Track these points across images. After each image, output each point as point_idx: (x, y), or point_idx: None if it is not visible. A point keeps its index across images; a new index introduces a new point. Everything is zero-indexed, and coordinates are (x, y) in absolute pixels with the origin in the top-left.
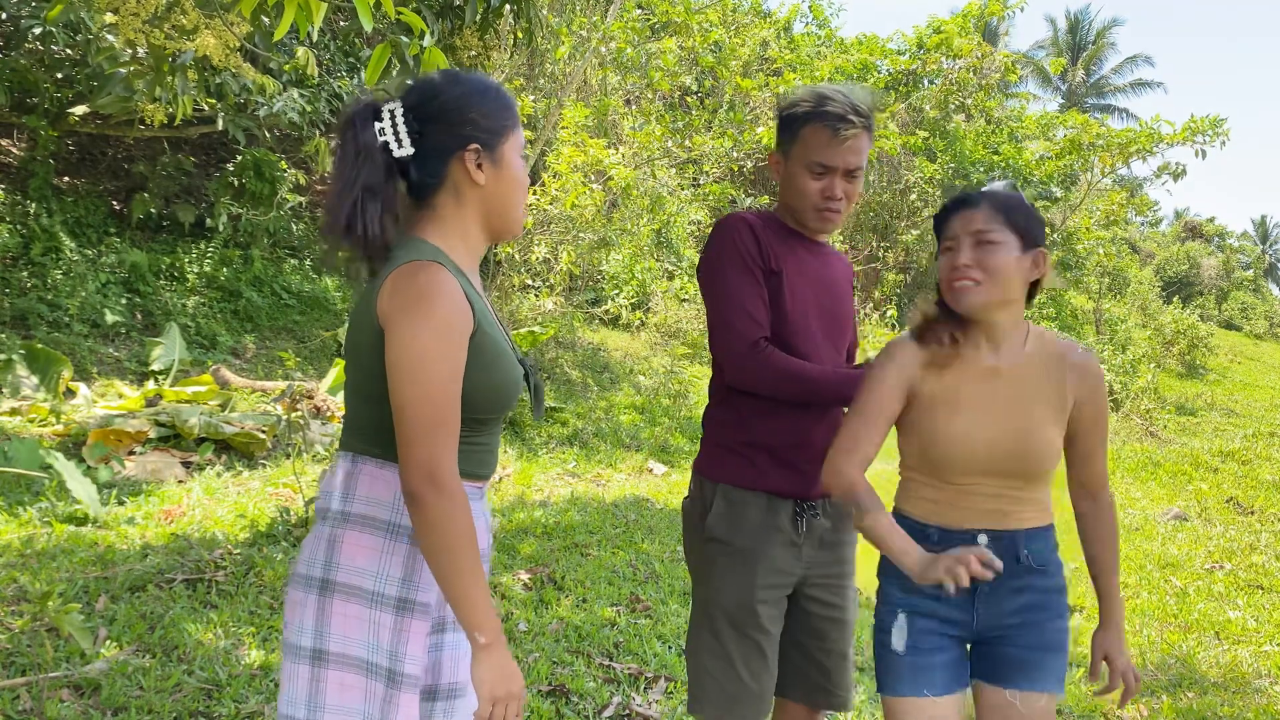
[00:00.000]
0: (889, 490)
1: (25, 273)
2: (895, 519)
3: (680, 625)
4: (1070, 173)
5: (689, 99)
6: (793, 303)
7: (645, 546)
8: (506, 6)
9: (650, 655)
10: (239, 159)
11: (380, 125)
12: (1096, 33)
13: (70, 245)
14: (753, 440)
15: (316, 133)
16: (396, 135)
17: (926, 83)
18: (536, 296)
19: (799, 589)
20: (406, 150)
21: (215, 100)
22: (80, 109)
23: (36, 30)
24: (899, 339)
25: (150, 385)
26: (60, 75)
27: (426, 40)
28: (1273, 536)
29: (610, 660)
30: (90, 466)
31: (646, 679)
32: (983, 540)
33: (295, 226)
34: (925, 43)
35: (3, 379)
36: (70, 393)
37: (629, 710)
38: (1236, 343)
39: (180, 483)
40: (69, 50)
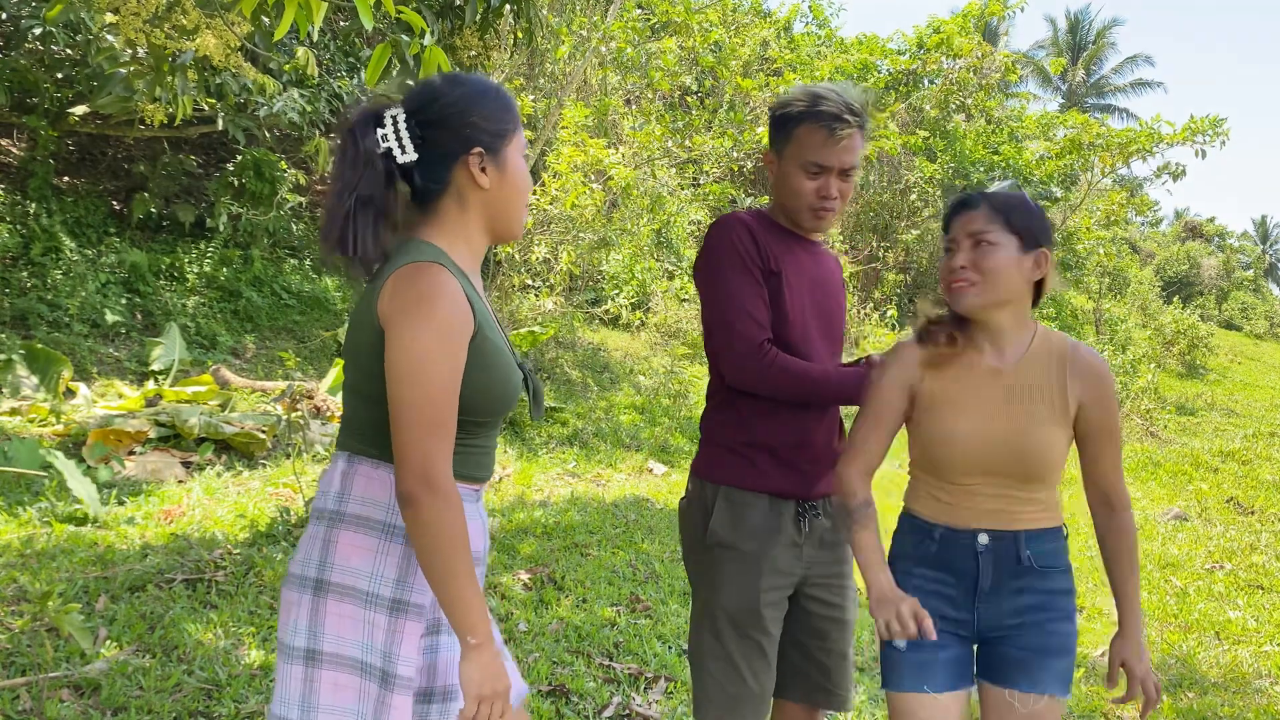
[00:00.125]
0: (896, 490)
1: (25, 273)
2: (904, 518)
3: (680, 625)
4: (1070, 173)
5: (689, 99)
6: (792, 303)
7: (645, 546)
8: (506, 6)
9: (650, 655)
10: (239, 159)
11: (382, 131)
12: (1096, 33)
13: (70, 245)
14: (754, 441)
15: (316, 133)
16: (399, 141)
17: (926, 82)
18: (536, 296)
19: (799, 589)
20: (410, 156)
21: (215, 100)
22: (80, 109)
23: (36, 30)
24: (903, 341)
25: (150, 385)
26: (60, 75)
27: (427, 40)
28: (1273, 536)
29: (610, 660)
30: (90, 466)
31: (646, 679)
32: (983, 540)
33: (295, 226)
34: (925, 43)
35: (3, 379)
36: (70, 393)
37: (629, 710)
38: (1237, 343)
39: (180, 483)
40: (69, 50)
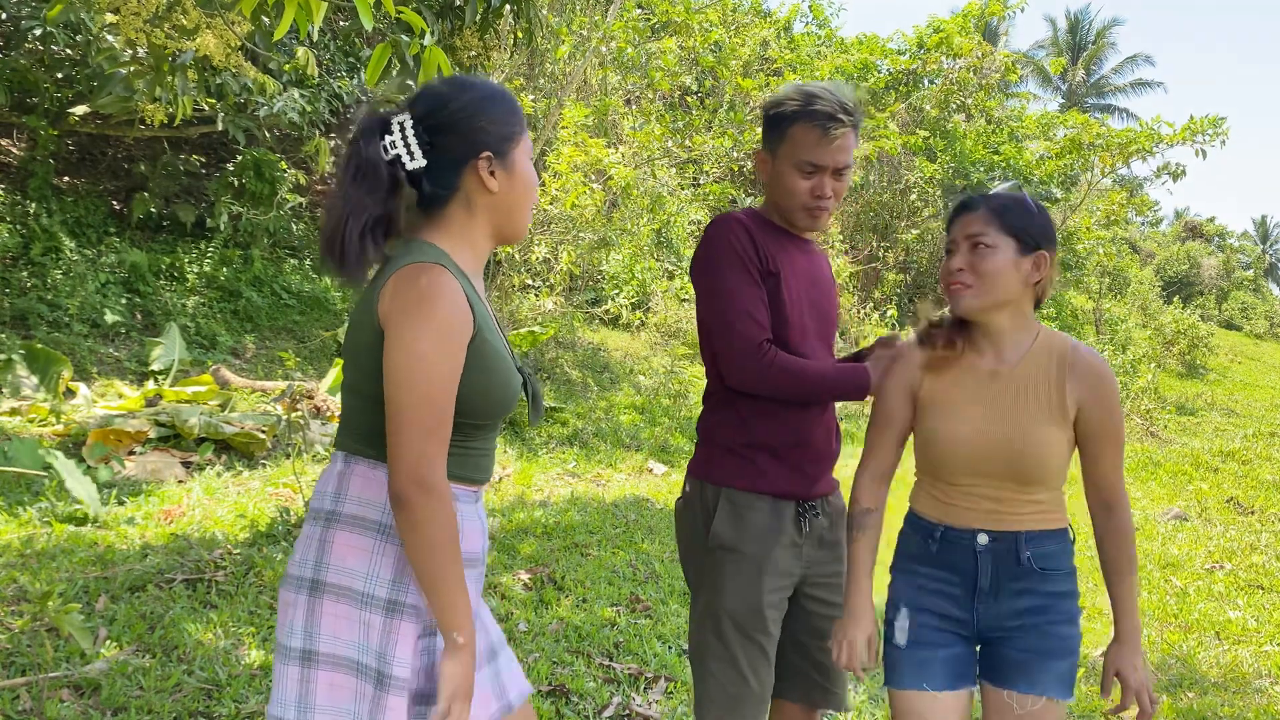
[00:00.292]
0: (904, 492)
1: (25, 273)
2: (908, 518)
3: (680, 625)
4: (1070, 173)
5: (689, 99)
6: (790, 303)
7: (645, 546)
8: (506, 6)
9: (650, 655)
10: (239, 159)
11: (390, 139)
12: (1096, 33)
13: (70, 245)
14: (754, 441)
15: (316, 133)
16: (408, 148)
17: (927, 82)
18: (536, 296)
19: (798, 588)
20: (419, 162)
21: (215, 100)
22: (80, 109)
23: (36, 30)
24: (908, 343)
25: (150, 385)
26: (60, 75)
27: (427, 40)
28: (1273, 536)
29: (610, 660)
30: (90, 466)
31: (646, 679)
32: (982, 540)
33: (295, 226)
34: (925, 42)
35: (3, 379)
36: (70, 393)
37: (629, 710)
38: (1237, 343)
39: (180, 483)
40: (69, 50)
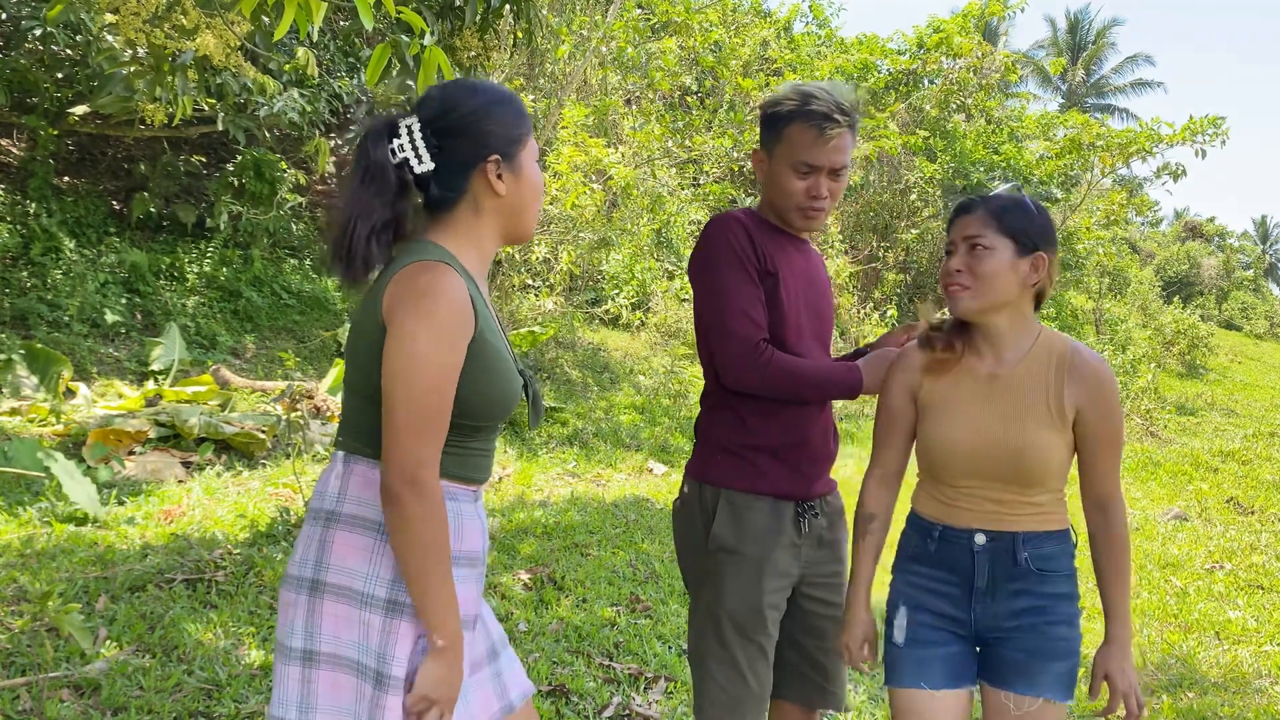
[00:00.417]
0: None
1: (25, 273)
2: (910, 517)
3: (680, 625)
4: (1070, 173)
5: (689, 99)
6: (788, 302)
7: (645, 546)
8: (506, 6)
9: (650, 655)
10: (239, 159)
11: (398, 142)
12: (1096, 33)
13: (70, 245)
14: (752, 442)
15: (316, 133)
16: (416, 151)
17: (926, 82)
18: (536, 296)
19: (796, 588)
20: (427, 166)
21: (215, 100)
22: (80, 109)
23: (36, 30)
24: (909, 346)
25: (150, 385)
26: (60, 75)
27: (427, 40)
28: (1273, 536)
29: (610, 660)
30: (90, 466)
31: (646, 679)
32: (980, 540)
33: (295, 226)
34: (925, 42)
35: (3, 379)
36: (70, 393)
37: (629, 710)
38: (1237, 343)
39: (180, 483)
40: (69, 50)
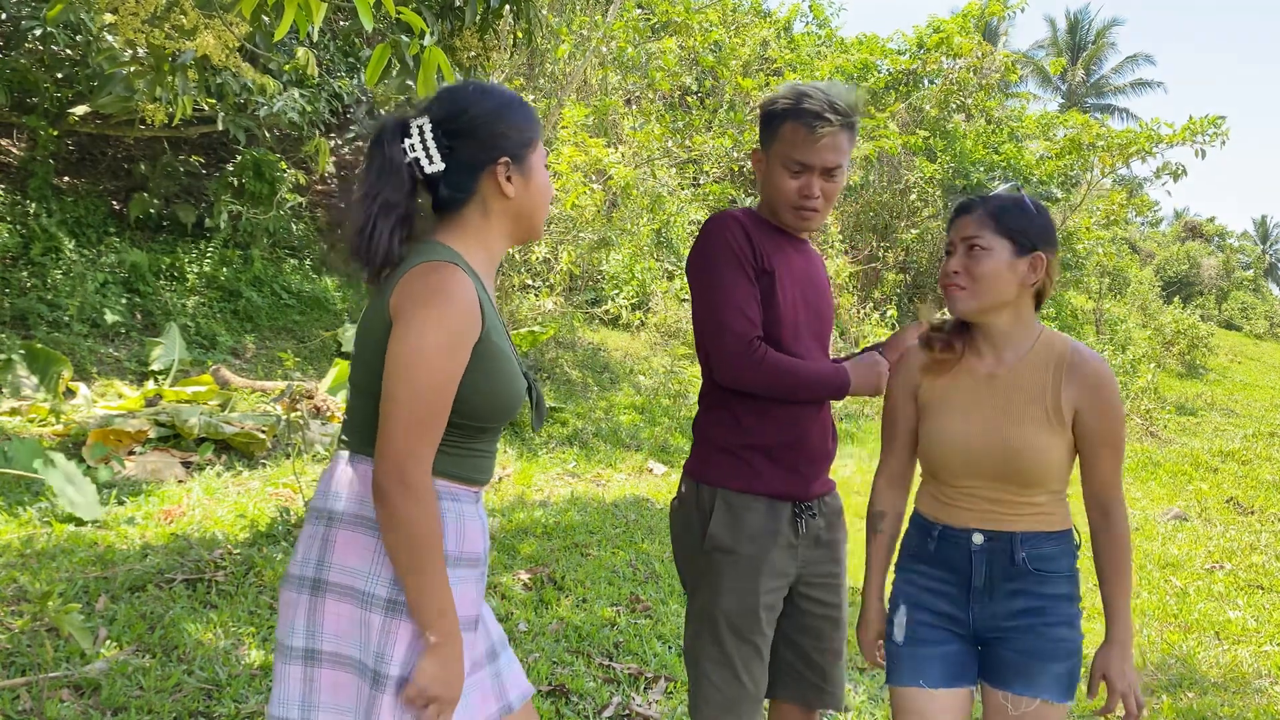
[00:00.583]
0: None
1: (25, 273)
2: (912, 517)
3: (680, 625)
4: (1070, 173)
5: (689, 99)
6: (785, 302)
7: (645, 546)
8: (506, 7)
9: (650, 655)
10: (239, 159)
11: (410, 141)
12: (1096, 33)
13: (70, 245)
14: (749, 442)
15: (316, 133)
16: (427, 151)
17: (927, 82)
18: (536, 296)
19: (794, 588)
20: (437, 166)
21: (215, 100)
22: (80, 109)
23: (36, 30)
24: (913, 347)
25: (150, 385)
26: (60, 75)
27: (427, 40)
28: (1273, 536)
29: (610, 660)
30: (90, 466)
31: (646, 679)
32: (978, 539)
33: (295, 226)
34: (925, 42)
35: (3, 379)
36: (70, 393)
37: (629, 710)
38: (1236, 343)
39: (180, 483)
40: (69, 50)
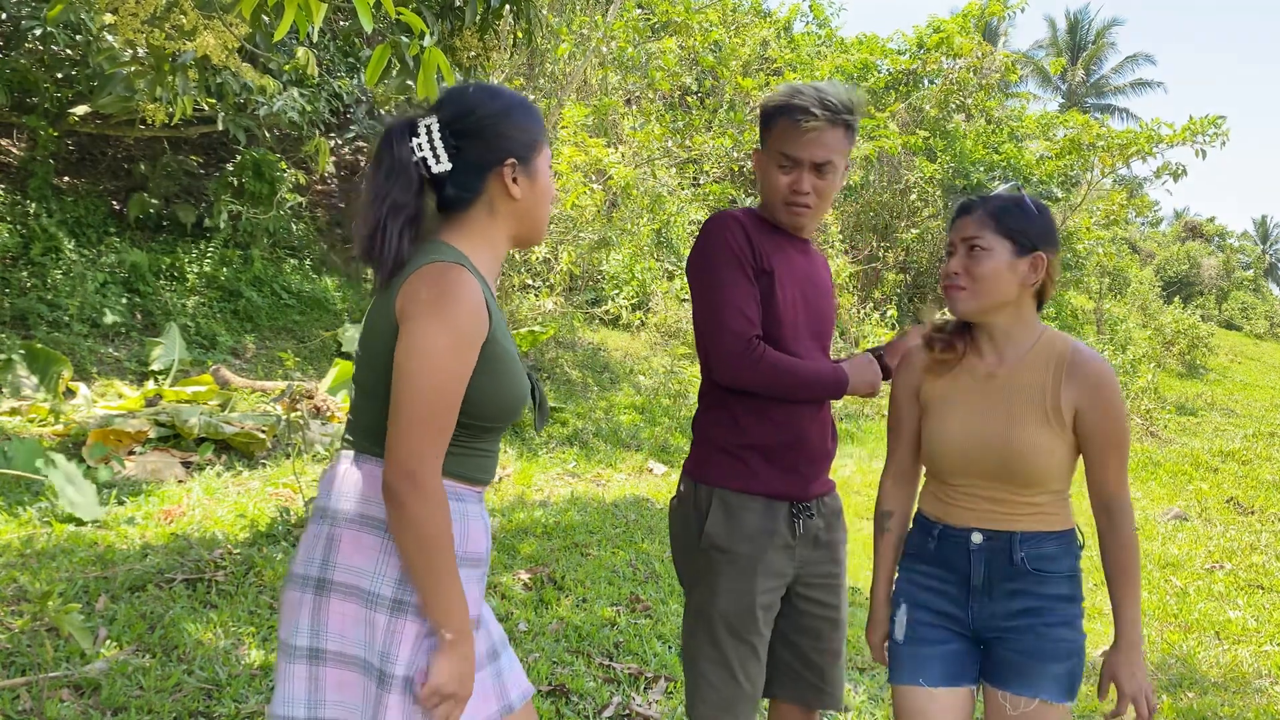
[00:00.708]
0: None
1: (25, 273)
2: (915, 516)
3: (680, 625)
4: (1070, 173)
5: (689, 99)
6: (784, 302)
7: (645, 546)
8: (506, 7)
9: (650, 655)
10: (239, 159)
11: (417, 141)
12: (1096, 33)
13: (70, 245)
14: (747, 442)
15: (316, 132)
16: (434, 151)
17: (927, 82)
18: (536, 296)
19: (792, 588)
20: (444, 166)
21: (215, 100)
22: (80, 109)
23: (36, 30)
24: (916, 347)
25: (150, 385)
26: (60, 75)
27: (426, 41)
28: (1273, 536)
29: (610, 660)
30: (90, 466)
31: (646, 679)
32: (976, 539)
33: (295, 226)
34: (925, 42)
35: (3, 379)
36: (70, 393)
37: (629, 710)
38: (1237, 343)
39: (180, 483)
40: (69, 50)
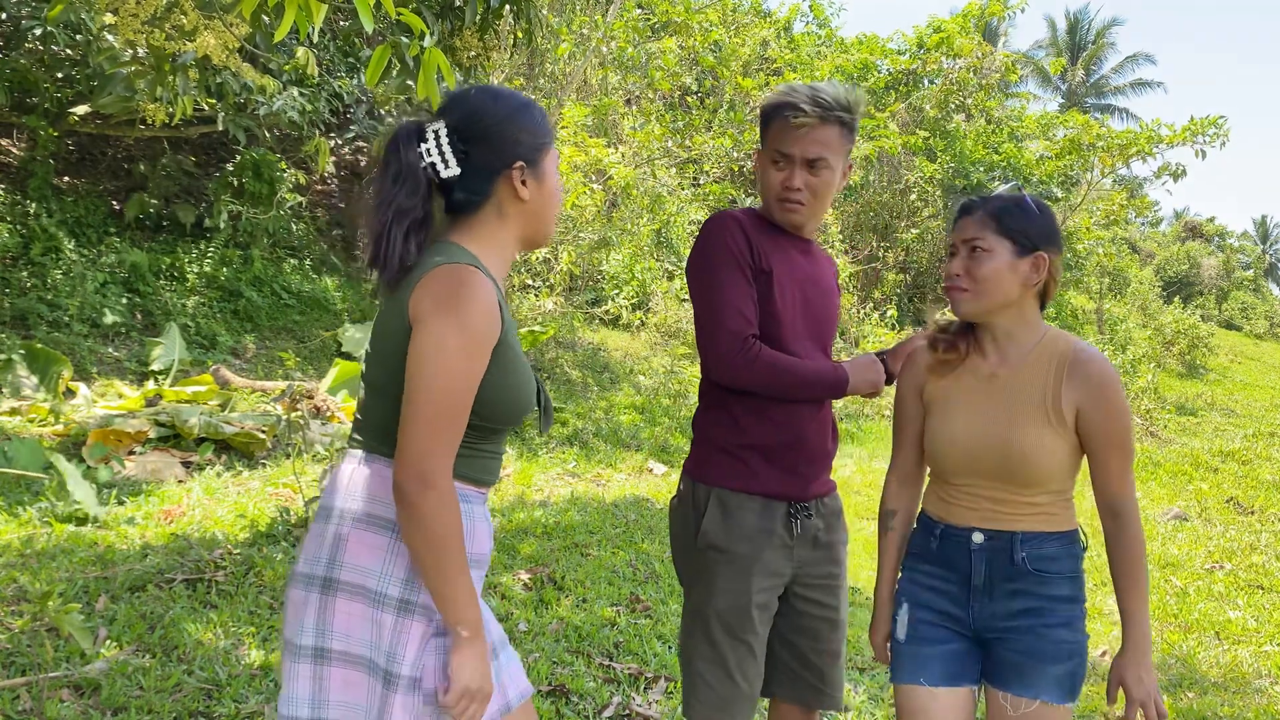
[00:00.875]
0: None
1: (25, 273)
2: (919, 516)
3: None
4: (1070, 173)
5: (689, 99)
6: (782, 302)
7: (645, 546)
8: (506, 7)
9: (650, 655)
10: (239, 159)
11: (425, 146)
12: (1096, 33)
13: (70, 245)
14: (745, 442)
15: (316, 132)
16: (443, 156)
17: (927, 82)
18: (536, 296)
19: (791, 588)
20: (453, 171)
21: (215, 100)
22: (80, 109)
23: (36, 30)
24: (920, 347)
25: (150, 385)
26: (60, 75)
27: (427, 41)
28: (1273, 536)
29: (610, 660)
30: (90, 466)
31: (646, 679)
32: (978, 539)
33: (295, 226)
34: (925, 42)
35: (3, 379)
36: (70, 393)
37: (629, 710)
38: (1237, 343)
39: (180, 483)
40: (69, 50)
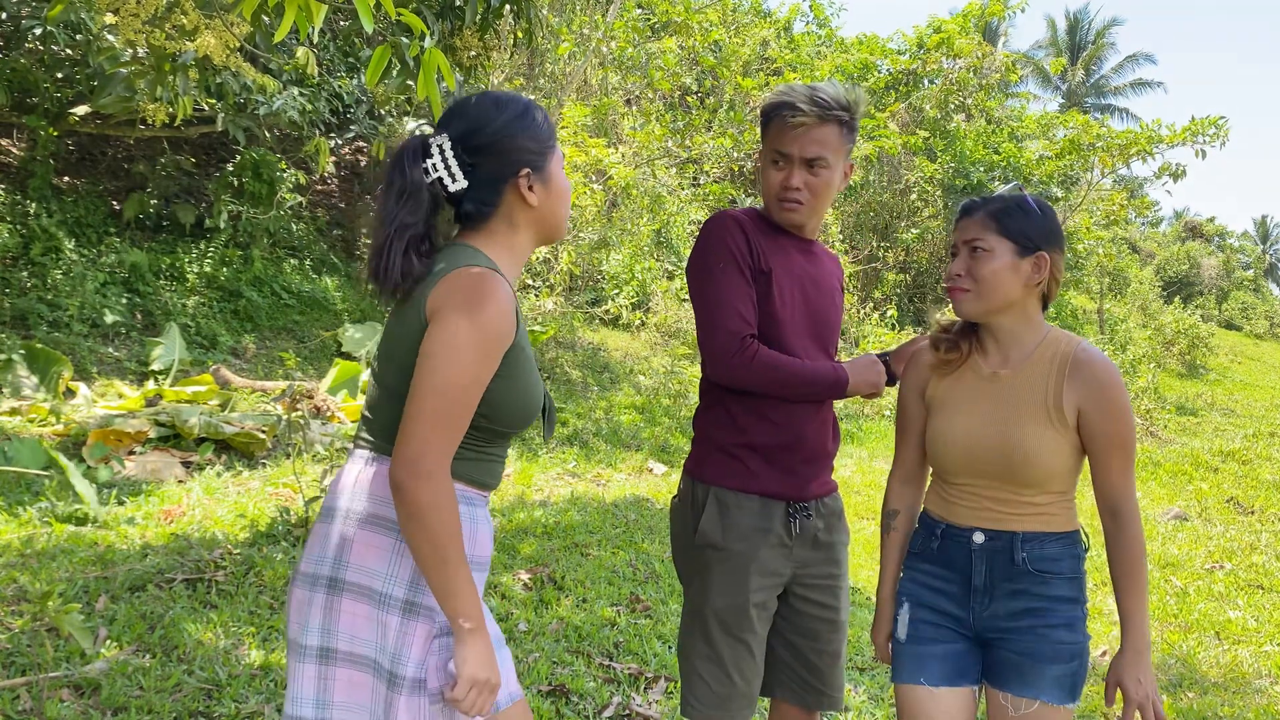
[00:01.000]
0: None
1: (25, 273)
2: (920, 516)
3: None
4: (1070, 173)
5: (689, 99)
6: (781, 301)
7: (645, 546)
8: (506, 6)
9: (650, 655)
10: (239, 159)
11: (431, 161)
12: (1096, 33)
13: (70, 245)
14: (745, 441)
15: (316, 132)
16: (449, 170)
17: (927, 82)
18: (536, 296)
19: (791, 588)
20: (461, 184)
21: (215, 100)
22: (80, 109)
23: (36, 30)
24: (922, 347)
25: (150, 385)
26: (60, 75)
27: (427, 41)
28: (1273, 536)
29: (610, 660)
30: (90, 466)
31: (646, 679)
32: (979, 539)
33: (295, 226)
34: (925, 42)
35: (3, 379)
36: (70, 393)
37: (629, 710)
38: (1237, 343)
39: (180, 483)
40: (69, 50)
